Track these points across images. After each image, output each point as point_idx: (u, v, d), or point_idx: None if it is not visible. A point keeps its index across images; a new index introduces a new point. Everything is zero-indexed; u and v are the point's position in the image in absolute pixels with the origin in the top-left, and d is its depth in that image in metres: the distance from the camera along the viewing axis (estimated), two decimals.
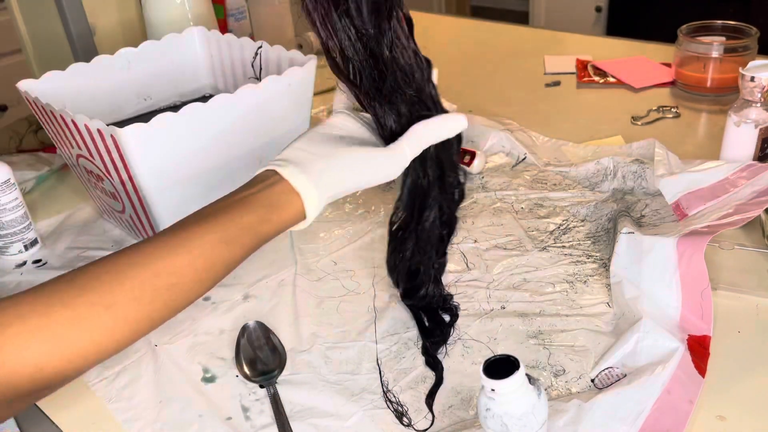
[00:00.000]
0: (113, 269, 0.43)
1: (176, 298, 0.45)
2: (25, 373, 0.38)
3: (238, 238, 0.47)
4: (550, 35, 1.44)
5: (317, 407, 0.58)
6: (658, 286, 0.63)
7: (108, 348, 0.42)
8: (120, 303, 0.41)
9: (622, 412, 0.52)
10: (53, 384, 0.40)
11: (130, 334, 0.43)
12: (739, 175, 0.72)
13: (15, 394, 0.38)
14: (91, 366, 0.42)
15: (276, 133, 0.79)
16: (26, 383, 0.39)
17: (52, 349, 0.39)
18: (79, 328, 0.40)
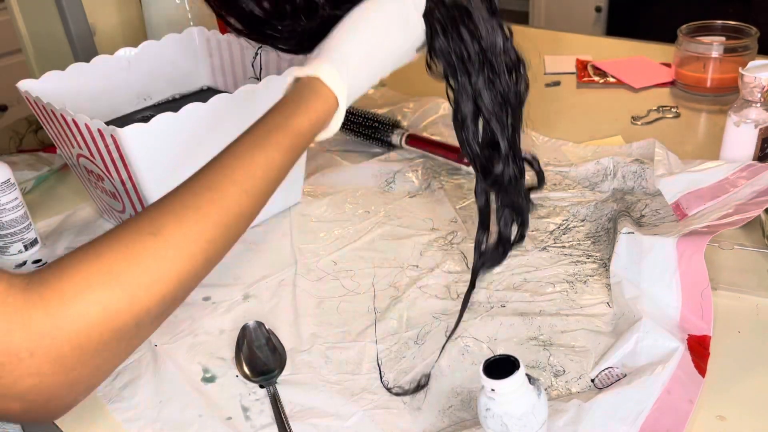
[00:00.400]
0: (159, 213, 0.42)
1: (224, 213, 0.43)
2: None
3: (269, 139, 0.46)
4: (550, 35, 1.44)
5: (317, 407, 0.58)
6: (658, 286, 0.63)
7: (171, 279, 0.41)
8: (170, 231, 0.41)
9: (622, 412, 0.52)
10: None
11: (188, 262, 0.42)
12: (738, 175, 0.72)
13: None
14: (175, 293, 0.42)
15: None
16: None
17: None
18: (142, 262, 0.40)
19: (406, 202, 0.86)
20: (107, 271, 0.39)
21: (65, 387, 0.38)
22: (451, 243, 0.77)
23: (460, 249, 0.76)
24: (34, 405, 0.38)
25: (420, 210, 0.84)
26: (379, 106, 1.11)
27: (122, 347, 0.41)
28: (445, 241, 0.77)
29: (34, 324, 0.36)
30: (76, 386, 0.39)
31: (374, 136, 0.97)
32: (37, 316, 0.36)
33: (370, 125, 0.97)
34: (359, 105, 1.08)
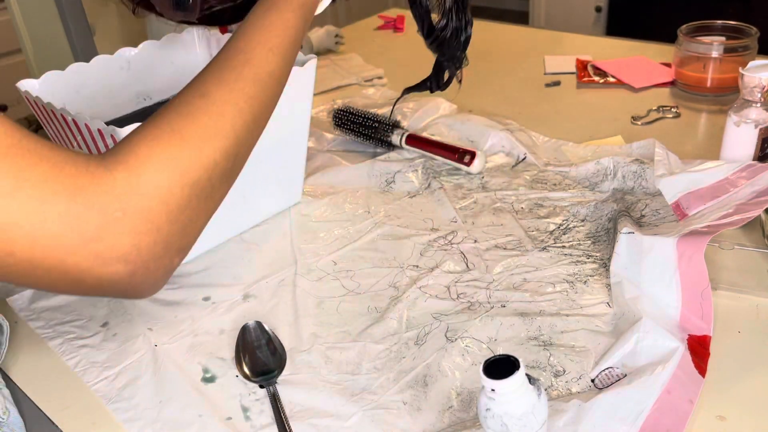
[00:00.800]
0: (202, 79, 0.48)
1: (257, 71, 0.49)
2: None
3: (279, 2, 0.52)
4: (550, 35, 1.44)
5: (317, 407, 0.58)
6: (658, 286, 0.63)
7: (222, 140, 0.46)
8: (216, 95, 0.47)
9: (622, 412, 0.52)
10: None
11: (238, 116, 0.47)
12: (739, 175, 0.73)
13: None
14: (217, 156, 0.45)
15: (276, 133, 0.79)
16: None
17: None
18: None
19: (406, 202, 0.86)
20: (170, 130, 0.44)
21: (161, 246, 0.42)
22: (451, 243, 0.77)
23: (460, 249, 0.76)
24: (137, 268, 0.41)
25: (420, 210, 0.84)
26: (379, 106, 1.11)
27: (201, 205, 0.45)
28: (445, 241, 0.77)
29: (119, 185, 0.40)
30: (170, 246, 0.43)
31: (374, 136, 0.97)
32: (120, 178, 0.41)
33: (370, 125, 0.97)
34: (359, 105, 1.08)
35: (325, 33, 1.41)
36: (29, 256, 0.39)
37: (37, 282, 0.41)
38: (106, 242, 0.40)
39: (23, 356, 0.67)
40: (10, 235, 0.38)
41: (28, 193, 0.38)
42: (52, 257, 0.39)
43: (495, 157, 0.93)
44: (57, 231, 0.39)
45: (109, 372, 0.63)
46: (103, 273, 0.41)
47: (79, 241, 0.39)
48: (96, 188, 0.40)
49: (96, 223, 0.40)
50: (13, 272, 0.40)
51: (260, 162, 0.79)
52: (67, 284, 0.41)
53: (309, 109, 0.82)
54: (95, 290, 0.42)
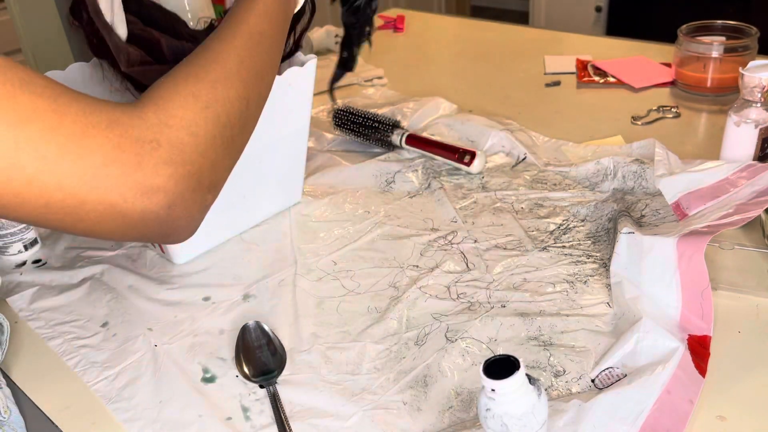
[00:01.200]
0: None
1: (250, 30, 0.53)
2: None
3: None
4: (550, 35, 1.44)
5: (317, 407, 0.58)
6: (658, 286, 0.63)
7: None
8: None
9: (622, 412, 0.52)
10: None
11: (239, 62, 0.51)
12: (739, 175, 0.73)
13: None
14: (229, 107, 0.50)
15: (276, 133, 0.79)
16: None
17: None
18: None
19: (406, 202, 0.86)
20: (187, 75, 0.48)
21: (195, 179, 0.46)
22: (451, 243, 0.77)
23: (460, 249, 0.76)
24: (175, 198, 0.44)
25: (420, 210, 0.84)
26: (379, 106, 1.11)
27: (225, 145, 0.49)
28: (445, 241, 0.77)
29: (150, 118, 0.44)
30: (202, 180, 0.46)
31: (374, 136, 0.97)
32: (150, 113, 0.44)
33: (370, 125, 0.97)
34: (359, 105, 1.08)
35: (325, 33, 1.41)
36: (77, 191, 0.41)
37: (83, 219, 0.43)
38: (146, 171, 0.43)
39: (23, 356, 0.67)
40: (58, 170, 0.40)
41: (70, 129, 0.40)
42: (99, 189, 0.41)
43: (495, 157, 0.93)
44: (100, 162, 0.41)
45: (109, 372, 0.63)
46: (146, 205, 0.43)
47: (121, 171, 0.42)
48: (130, 121, 0.43)
49: (134, 153, 0.42)
50: (63, 211, 0.42)
51: (260, 162, 0.79)
52: (113, 220, 0.43)
53: (309, 109, 0.82)
54: (138, 226, 0.44)
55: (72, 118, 0.41)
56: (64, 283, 0.76)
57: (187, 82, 0.48)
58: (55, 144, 0.40)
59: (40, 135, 0.39)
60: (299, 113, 0.81)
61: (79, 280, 0.76)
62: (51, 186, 0.40)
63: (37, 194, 0.40)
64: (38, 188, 0.40)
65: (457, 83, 1.22)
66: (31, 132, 0.39)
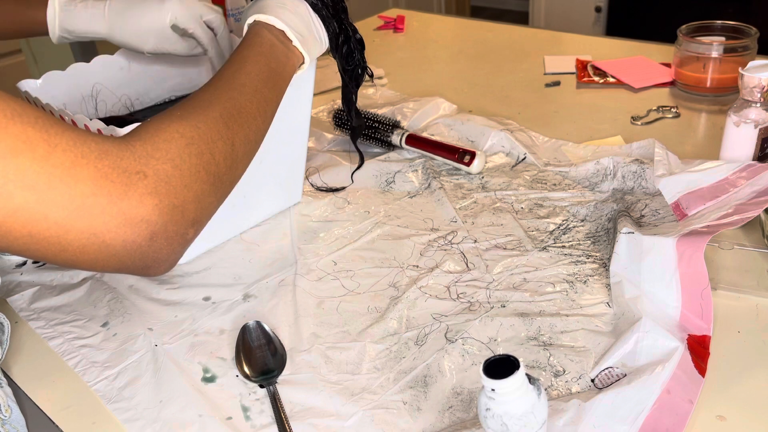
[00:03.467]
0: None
1: (240, 85, 0.57)
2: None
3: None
4: (550, 35, 1.44)
5: (317, 407, 0.58)
6: (658, 286, 0.63)
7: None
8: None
9: (622, 412, 0.52)
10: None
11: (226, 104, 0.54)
12: (738, 175, 0.73)
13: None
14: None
15: (276, 133, 0.79)
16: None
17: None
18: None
19: (406, 202, 0.86)
20: (172, 115, 0.50)
21: (178, 211, 0.47)
22: (451, 243, 0.77)
23: (460, 249, 0.76)
24: (158, 230, 0.45)
25: (420, 210, 0.84)
26: (379, 106, 1.11)
27: (210, 181, 0.50)
28: (445, 241, 0.77)
29: (137, 151, 0.46)
30: (186, 213, 0.48)
31: (374, 136, 0.98)
32: (137, 146, 0.46)
33: (370, 125, 0.97)
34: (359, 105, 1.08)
35: None
36: (63, 220, 0.42)
37: (66, 249, 0.43)
38: (131, 201, 0.44)
39: (23, 356, 0.67)
40: (46, 200, 0.41)
41: (60, 159, 0.41)
42: (84, 218, 0.42)
43: (495, 157, 0.93)
44: (88, 191, 0.42)
45: (109, 372, 0.63)
46: (128, 235, 0.44)
47: (108, 200, 0.43)
48: (119, 152, 0.44)
49: (121, 183, 0.44)
50: (46, 240, 0.42)
51: (260, 162, 0.79)
52: (96, 250, 0.44)
53: (309, 109, 0.82)
54: (119, 256, 0.45)
55: (63, 148, 0.41)
56: (65, 283, 0.76)
57: (171, 121, 0.50)
58: (45, 174, 0.41)
59: (30, 165, 0.40)
60: (299, 113, 0.81)
61: (79, 280, 0.76)
62: (37, 216, 0.41)
63: (22, 224, 0.41)
64: (24, 218, 0.41)
65: (457, 83, 1.22)
66: (22, 162, 0.40)
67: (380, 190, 0.89)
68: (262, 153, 0.78)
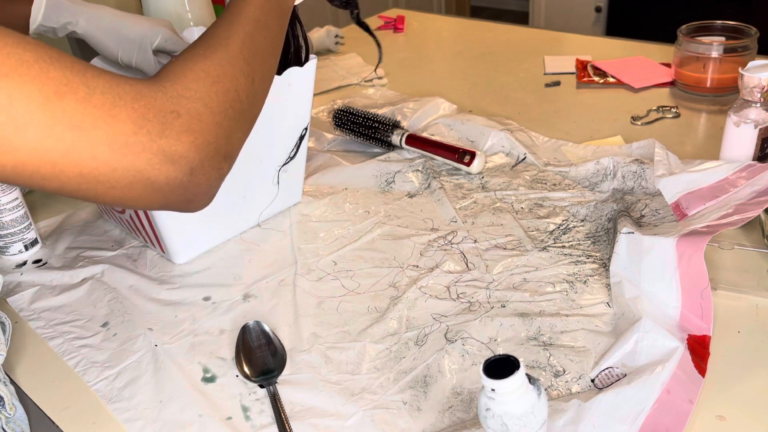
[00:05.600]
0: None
1: (246, 18, 0.56)
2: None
3: None
4: (550, 35, 1.44)
5: (317, 407, 0.58)
6: (658, 286, 0.63)
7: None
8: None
9: (622, 412, 0.52)
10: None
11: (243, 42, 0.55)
12: (738, 175, 0.73)
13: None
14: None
15: (276, 133, 0.79)
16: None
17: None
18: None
19: (406, 202, 0.86)
20: (196, 54, 0.51)
21: (212, 147, 0.48)
22: (451, 243, 0.77)
23: (460, 249, 0.76)
24: (195, 165, 0.47)
25: (420, 210, 0.84)
26: (379, 106, 1.11)
27: (237, 117, 0.52)
28: (445, 241, 0.77)
29: (168, 91, 0.47)
30: (219, 149, 0.49)
31: (374, 136, 0.98)
32: (168, 86, 0.47)
33: (370, 125, 0.97)
34: (359, 105, 1.08)
35: (325, 33, 1.41)
36: (109, 159, 0.43)
37: (114, 186, 0.45)
38: (169, 139, 0.45)
39: (24, 356, 0.67)
40: (92, 139, 0.42)
41: (100, 100, 0.43)
42: (129, 156, 0.44)
43: (495, 157, 0.93)
44: (129, 130, 0.44)
45: (109, 372, 0.63)
46: (170, 171, 0.46)
47: (148, 138, 0.44)
48: (152, 93, 0.46)
49: (158, 122, 0.45)
50: (96, 180, 0.44)
51: (260, 162, 0.79)
52: (142, 186, 0.46)
53: (309, 109, 0.82)
54: (164, 191, 0.47)
55: (101, 90, 0.43)
56: (65, 283, 0.76)
57: (196, 61, 0.50)
58: (89, 115, 0.42)
59: (74, 107, 0.42)
60: (299, 113, 0.81)
61: (79, 280, 0.76)
62: (86, 155, 0.43)
63: (74, 164, 0.43)
64: (75, 158, 0.42)
65: (457, 83, 1.22)
66: (66, 105, 0.41)
67: (380, 190, 0.89)
68: (262, 153, 0.79)
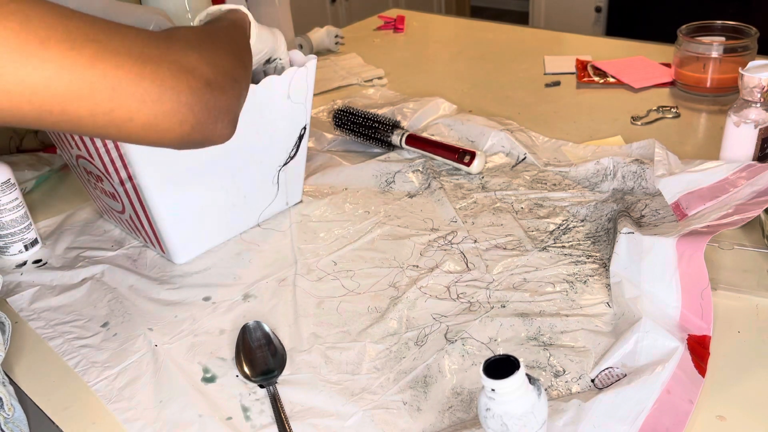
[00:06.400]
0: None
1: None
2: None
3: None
4: (550, 35, 1.44)
5: (317, 407, 0.58)
6: (658, 286, 0.63)
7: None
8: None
9: (622, 412, 0.52)
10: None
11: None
12: (738, 175, 0.73)
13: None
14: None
15: (276, 133, 0.79)
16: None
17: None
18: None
19: (406, 202, 0.86)
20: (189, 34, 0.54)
21: (220, 66, 0.52)
22: (451, 243, 0.77)
23: (460, 249, 0.76)
24: (211, 74, 0.50)
25: (420, 210, 0.84)
26: (379, 106, 1.11)
27: (232, 53, 0.56)
28: (445, 241, 0.77)
29: (162, 33, 0.50)
30: (227, 69, 0.53)
31: (374, 136, 0.98)
32: (160, 32, 0.50)
33: (370, 125, 0.98)
34: (359, 105, 1.08)
35: (325, 33, 1.41)
36: (132, 66, 0.45)
37: (144, 101, 0.46)
38: (177, 53, 0.49)
39: (24, 356, 0.67)
40: (110, 47, 0.45)
41: (102, 23, 0.45)
42: (149, 63, 0.46)
43: (495, 157, 0.93)
44: (141, 41, 0.47)
45: (109, 372, 0.63)
46: (190, 79, 0.48)
47: (158, 51, 0.47)
48: (146, 30, 0.49)
49: (162, 41, 0.49)
50: (125, 91, 0.45)
51: (260, 162, 0.79)
52: (168, 99, 0.47)
53: (309, 109, 0.82)
54: (190, 104, 0.48)
55: (102, 22, 0.46)
56: (65, 283, 0.76)
57: (178, 29, 0.55)
58: (102, 30, 0.45)
59: (83, 23, 0.44)
60: (299, 113, 0.81)
61: (79, 280, 0.76)
62: (110, 63, 0.45)
63: (101, 73, 0.44)
64: (100, 67, 0.44)
65: (457, 83, 1.22)
66: (77, 21, 0.44)
67: (380, 190, 0.89)
68: (262, 153, 0.79)
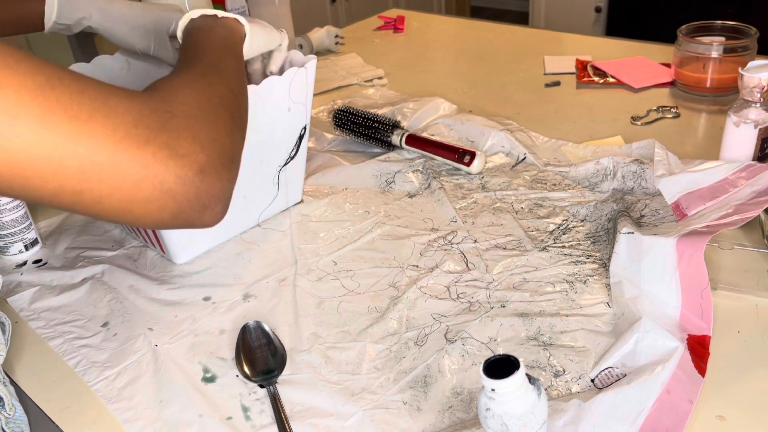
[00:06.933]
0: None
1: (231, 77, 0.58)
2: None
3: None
4: (550, 35, 1.44)
5: (317, 407, 0.58)
6: (658, 286, 0.63)
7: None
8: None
9: (622, 411, 0.52)
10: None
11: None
12: (738, 175, 0.73)
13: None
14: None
15: (276, 133, 0.79)
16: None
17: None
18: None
19: (406, 202, 0.86)
20: (177, 71, 0.54)
21: (218, 146, 0.48)
22: (451, 243, 0.77)
23: (460, 249, 0.76)
24: (204, 164, 0.46)
25: (420, 210, 0.84)
26: (379, 106, 1.11)
27: (230, 119, 0.52)
28: (445, 241, 0.77)
29: (161, 93, 0.48)
30: (225, 147, 0.49)
31: (374, 136, 0.98)
32: (155, 95, 0.48)
33: (370, 125, 0.98)
34: (359, 105, 1.08)
35: (325, 33, 1.41)
36: (111, 151, 0.43)
37: (118, 187, 0.44)
38: (171, 133, 0.45)
39: (24, 356, 0.67)
40: (88, 127, 0.42)
41: (93, 91, 0.43)
42: (131, 147, 0.43)
43: (495, 157, 0.93)
44: (128, 121, 0.44)
45: (109, 372, 0.63)
46: (179, 167, 0.45)
47: (148, 131, 0.44)
48: (143, 98, 0.46)
49: (156, 118, 0.45)
50: (96, 177, 0.43)
51: (260, 162, 0.79)
52: (150, 186, 0.44)
53: (309, 109, 0.82)
54: (174, 194, 0.45)
55: (93, 87, 0.44)
56: (65, 283, 0.76)
57: (176, 75, 0.52)
58: (85, 106, 0.42)
59: (68, 98, 0.42)
60: (299, 113, 0.81)
61: (79, 280, 0.76)
62: (84, 149, 0.42)
63: (72, 155, 0.42)
64: (72, 149, 0.42)
65: (457, 83, 1.22)
66: (60, 94, 0.41)
67: (380, 190, 0.89)
68: (262, 153, 0.79)
